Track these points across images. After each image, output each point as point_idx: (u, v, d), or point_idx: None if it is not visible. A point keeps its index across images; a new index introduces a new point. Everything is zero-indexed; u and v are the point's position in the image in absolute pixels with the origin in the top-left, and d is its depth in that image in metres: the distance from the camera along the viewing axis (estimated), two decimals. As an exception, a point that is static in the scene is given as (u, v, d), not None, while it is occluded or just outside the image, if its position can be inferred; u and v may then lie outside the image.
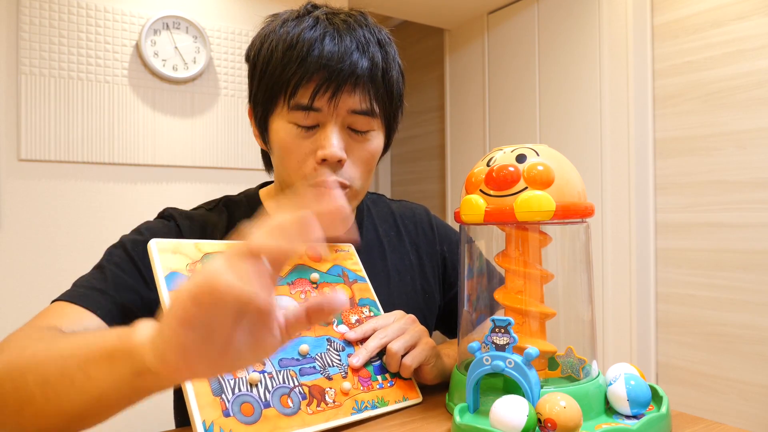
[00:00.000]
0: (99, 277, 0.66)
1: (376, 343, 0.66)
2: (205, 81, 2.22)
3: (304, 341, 0.62)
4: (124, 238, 0.72)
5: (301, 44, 0.67)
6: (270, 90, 0.70)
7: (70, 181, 1.98)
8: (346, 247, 0.78)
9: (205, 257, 0.62)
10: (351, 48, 0.67)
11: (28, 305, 1.88)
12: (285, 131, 0.70)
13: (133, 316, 0.65)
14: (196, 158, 2.21)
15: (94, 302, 0.63)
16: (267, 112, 0.72)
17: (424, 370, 0.68)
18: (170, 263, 0.59)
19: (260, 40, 0.72)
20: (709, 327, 1.98)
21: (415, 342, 0.67)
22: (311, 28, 0.68)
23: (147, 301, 0.67)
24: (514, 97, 2.71)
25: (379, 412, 0.63)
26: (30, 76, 1.90)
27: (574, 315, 0.66)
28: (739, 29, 1.89)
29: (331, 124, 0.69)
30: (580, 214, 0.60)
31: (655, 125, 2.14)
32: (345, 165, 0.70)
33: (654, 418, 0.55)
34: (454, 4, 2.77)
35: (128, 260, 0.69)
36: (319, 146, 0.69)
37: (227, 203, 0.80)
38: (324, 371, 0.61)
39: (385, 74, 0.71)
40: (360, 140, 0.72)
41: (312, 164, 0.70)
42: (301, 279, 0.69)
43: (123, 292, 0.65)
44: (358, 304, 0.72)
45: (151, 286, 0.67)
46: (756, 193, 1.86)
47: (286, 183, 0.74)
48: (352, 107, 0.69)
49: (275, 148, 0.73)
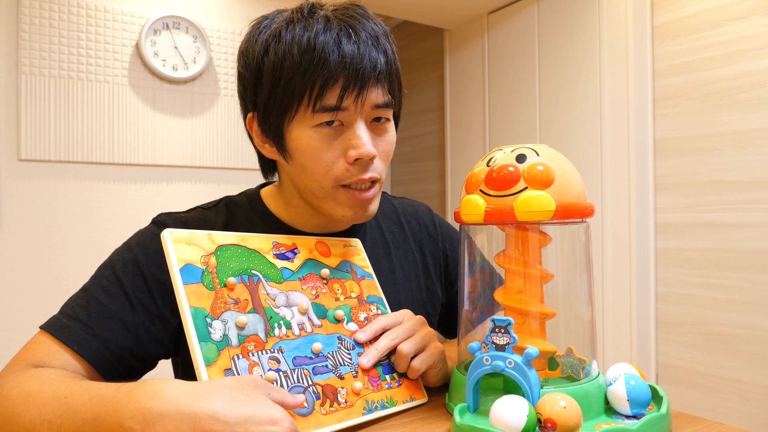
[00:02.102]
0: (83, 304, 0.66)
1: (387, 343, 0.66)
2: (205, 81, 2.22)
3: (317, 339, 0.63)
4: (115, 257, 0.70)
5: (321, 46, 0.65)
6: (289, 96, 0.66)
7: (70, 181, 1.98)
8: (354, 242, 0.78)
9: (218, 249, 0.62)
10: (368, 44, 0.67)
11: (28, 305, 1.89)
12: (309, 136, 0.67)
13: (113, 346, 0.64)
14: (196, 158, 2.21)
15: (74, 337, 0.63)
16: (283, 119, 0.68)
17: (430, 374, 0.69)
18: (185, 255, 0.59)
19: (261, 46, 0.68)
20: (709, 327, 1.98)
21: (425, 345, 0.68)
22: (325, 29, 0.66)
23: (131, 327, 0.66)
24: (514, 97, 2.71)
25: (389, 412, 0.63)
26: (30, 76, 1.90)
27: (574, 315, 0.66)
28: (739, 29, 1.89)
29: (359, 122, 0.68)
30: (580, 214, 0.60)
31: (655, 125, 2.14)
32: (375, 161, 0.70)
33: (654, 418, 0.55)
34: (454, 4, 2.77)
35: (115, 283, 0.67)
36: (351, 146, 0.67)
37: (228, 203, 0.80)
38: (336, 370, 0.62)
39: (395, 65, 0.72)
40: (381, 133, 0.72)
41: (343, 165, 0.68)
42: (311, 274, 0.69)
43: (105, 322, 0.65)
44: (366, 301, 0.72)
45: (137, 309, 0.66)
46: (756, 193, 1.86)
47: (310, 191, 0.71)
48: (375, 102, 0.69)
49: (297, 156, 0.69)
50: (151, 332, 0.67)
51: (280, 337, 0.60)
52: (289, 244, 0.70)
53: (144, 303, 0.67)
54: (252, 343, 0.57)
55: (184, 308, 0.55)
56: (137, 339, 0.66)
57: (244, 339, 0.57)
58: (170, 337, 0.70)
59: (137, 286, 0.67)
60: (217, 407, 0.45)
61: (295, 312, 0.63)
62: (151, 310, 0.67)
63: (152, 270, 0.68)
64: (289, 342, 0.60)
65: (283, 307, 0.63)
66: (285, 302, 0.63)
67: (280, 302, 0.63)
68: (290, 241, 0.70)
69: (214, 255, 0.61)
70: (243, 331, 0.58)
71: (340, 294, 0.70)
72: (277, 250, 0.68)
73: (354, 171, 0.69)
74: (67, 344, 0.62)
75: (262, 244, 0.67)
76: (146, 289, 0.67)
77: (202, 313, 0.56)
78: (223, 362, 0.54)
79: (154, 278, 0.68)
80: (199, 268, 0.59)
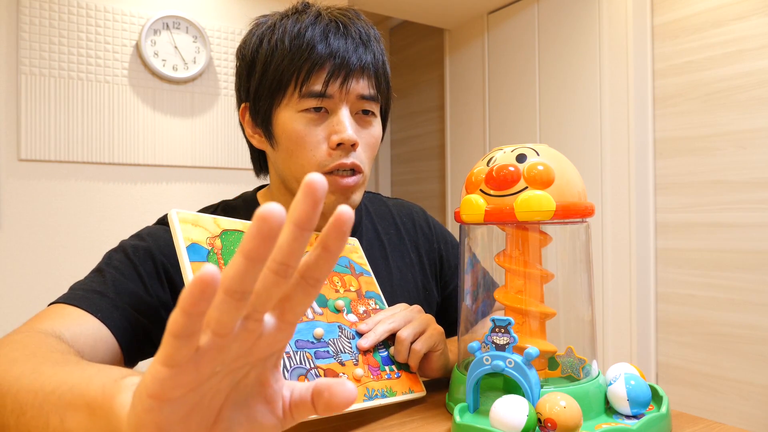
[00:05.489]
0: (98, 280, 0.66)
1: (385, 327, 0.66)
2: (205, 81, 2.22)
3: (318, 325, 0.63)
4: (125, 243, 0.71)
5: (310, 35, 0.69)
6: (278, 80, 0.70)
7: (70, 181, 1.98)
8: (351, 241, 0.79)
9: (223, 233, 0.63)
10: (356, 41, 0.71)
11: (28, 305, 1.88)
12: (295, 120, 0.71)
13: (134, 320, 0.64)
14: (196, 158, 2.21)
15: (94, 305, 0.62)
16: (272, 104, 0.72)
17: (432, 358, 0.68)
18: (191, 234, 0.59)
19: (257, 38, 0.73)
20: (709, 327, 1.98)
21: (424, 329, 0.68)
22: (315, 22, 0.71)
23: (148, 306, 0.67)
24: (514, 97, 2.71)
25: (389, 401, 0.63)
26: (30, 76, 1.90)
27: (574, 315, 0.67)
28: (739, 29, 1.89)
29: (344, 109, 0.71)
30: (580, 214, 0.60)
31: (655, 125, 2.14)
32: (357, 149, 0.72)
33: (654, 418, 0.55)
34: (454, 4, 2.77)
35: (129, 264, 0.68)
36: (333, 131, 0.70)
37: (225, 207, 0.81)
38: (337, 357, 0.62)
39: (383, 65, 0.75)
40: (366, 125, 0.75)
41: (326, 150, 0.71)
42: None
43: (124, 296, 0.65)
44: (365, 296, 0.73)
45: (152, 292, 0.67)
46: (756, 193, 1.86)
47: (294, 176, 0.74)
48: (360, 93, 0.72)
49: (283, 140, 0.72)
50: (160, 317, 0.68)
51: None
52: None
53: (155, 287, 0.68)
54: None
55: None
56: (149, 319, 0.67)
57: None
58: None
59: (149, 271, 0.68)
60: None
61: None
62: (160, 295, 0.68)
63: (162, 259, 0.69)
64: None
65: None
66: None
67: None
68: None
69: (219, 238, 0.62)
70: None
71: (340, 287, 0.70)
72: None
73: (336, 156, 0.71)
74: (91, 312, 0.61)
75: None
76: (156, 275, 0.69)
77: None
78: None
79: (164, 266, 0.69)
80: (205, 248, 0.60)
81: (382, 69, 0.75)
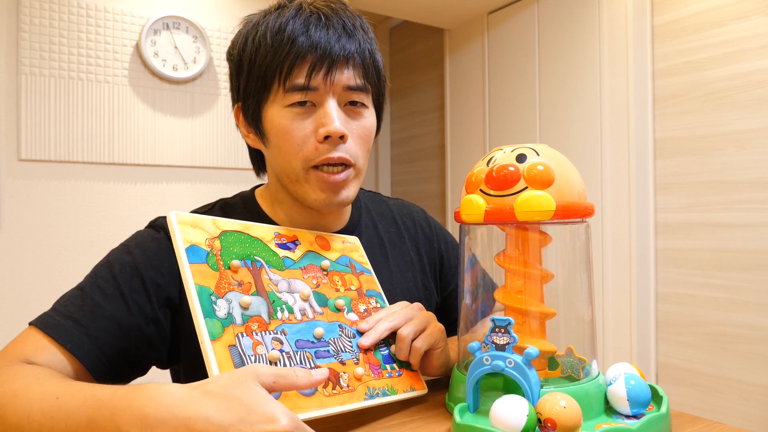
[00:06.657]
0: (78, 303, 0.65)
1: (386, 325, 0.66)
2: (205, 81, 2.22)
3: (319, 325, 0.63)
4: (112, 258, 0.69)
5: (291, 28, 0.68)
6: (263, 78, 0.70)
7: (70, 181, 1.98)
8: (352, 240, 0.79)
9: (222, 234, 0.63)
10: (338, 31, 0.70)
11: (28, 305, 1.89)
12: (282, 115, 0.70)
13: (107, 347, 0.63)
14: (196, 158, 2.21)
15: (66, 334, 0.61)
16: (260, 101, 0.72)
17: (433, 355, 0.68)
18: (190, 236, 0.59)
19: (242, 38, 0.73)
20: (709, 327, 1.98)
21: (425, 326, 0.68)
22: (296, 15, 0.70)
23: (129, 327, 0.65)
24: (514, 97, 2.71)
25: (390, 400, 0.63)
26: (30, 76, 1.90)
27: (574, 315, 0.66)
28: (739, 29, 1.89)
29: (330, 101, 0.70)
30: (580, 214, 0.60)
31: (655, 125, 2.14)
32: (347, 142, 0.71)
33: (654, 418, 0.55)
34: (454, 4, 2.77)
35: (113, 283, 0.66)
36: (320, 124, 0.69)
37: (223, 205, 0.80)
38: (337, 356, 0.62)
39: (371, 54, 0.74)
40: (356, 117, 0.73)
41: (313, 144, 0.69)
42: (312, 265, 0.70)
43: (99, 322, 0.63)
44: (365, 294, 0.72)
45: (133, 310, 0.65)
46: (756, 193, 1.86)
47: (285, 174, 0.73)
48: (346, 83, 0.70)
49: (272, 137, 0.72)
50: (145, 335, 0.66)
51: (282, 320, 0.60)
52: (290, 235, 0.71)
53: (140, 305, 0.66)
54: (255, 323, 0.58)
55: (189, 285, 0.56)
56: (131, 341, 0.65)
57: (247, 319, 0.57)
58: (163, 342, 0.69)
59: (134, 287, 0.66)
60: (210, 411, 0.45)
61: (297, 298, 0.64)
62: (146, 312, 0.66)
63: (150, 273, 0.67)
64: (291, 325, 0.61)
65: (285, 292, 0.63)
66: (287, 288, 0.64)
67: (282, 288, 0.63)
68: (291, 233, 0.71)
69: (219, 239, 0.62)
70: (247, 311, 0.58)
71: (340, 285, 0.70)
72: (279, 240, 0.69)
73: (323, 149, 0.70)
74: (60, 342, 0.61)
75: (264, 233, 0.68)
76: (143, 291, 0.67)
77: (207, 291, 0.56)
78: (227, 338, 0.54)
79: (152, 281, 0.67)
80: (204, 249, 0.60)
81: (370, 58, 0.73)
